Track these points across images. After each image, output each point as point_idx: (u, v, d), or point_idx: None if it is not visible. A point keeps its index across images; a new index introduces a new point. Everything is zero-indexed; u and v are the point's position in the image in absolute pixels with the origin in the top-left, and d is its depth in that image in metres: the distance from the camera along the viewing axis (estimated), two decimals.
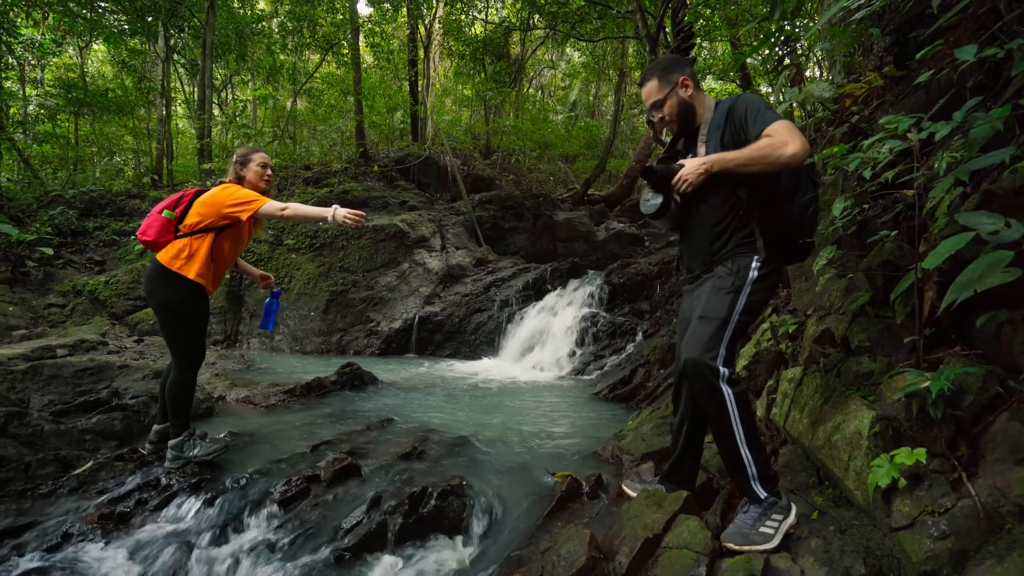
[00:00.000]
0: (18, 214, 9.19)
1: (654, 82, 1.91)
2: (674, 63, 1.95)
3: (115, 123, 14.81)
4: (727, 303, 1.77)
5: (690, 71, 1.91)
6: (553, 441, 3.34)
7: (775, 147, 1.64)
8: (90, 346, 5.63)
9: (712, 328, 1.75)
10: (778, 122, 1.69)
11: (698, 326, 1.79)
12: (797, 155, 1.64)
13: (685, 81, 1.88)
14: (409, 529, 2.16)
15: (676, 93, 1.88)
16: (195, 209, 2.65)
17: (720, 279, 1.83)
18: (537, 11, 11.69)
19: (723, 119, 1.84)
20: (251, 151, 2.81)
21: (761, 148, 1.66)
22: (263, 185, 2.79)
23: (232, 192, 2.63)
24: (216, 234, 2.64)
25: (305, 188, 10.86)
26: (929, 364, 1.88)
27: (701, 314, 1.80)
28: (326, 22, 13.30)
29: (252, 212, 2.59)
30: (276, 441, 3.13)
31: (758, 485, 1.76)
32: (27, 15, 12.26)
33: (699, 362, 1.74)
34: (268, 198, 2.67)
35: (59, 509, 2.33)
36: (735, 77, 9.94)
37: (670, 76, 1.89)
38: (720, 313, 1.76)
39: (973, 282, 1.37)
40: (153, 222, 2.65)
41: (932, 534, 1.52)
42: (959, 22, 2.56)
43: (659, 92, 1.90)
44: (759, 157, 1.66)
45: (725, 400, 1.73)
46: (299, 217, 2.63)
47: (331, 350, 7.89)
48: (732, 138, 1.80)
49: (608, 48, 15.03)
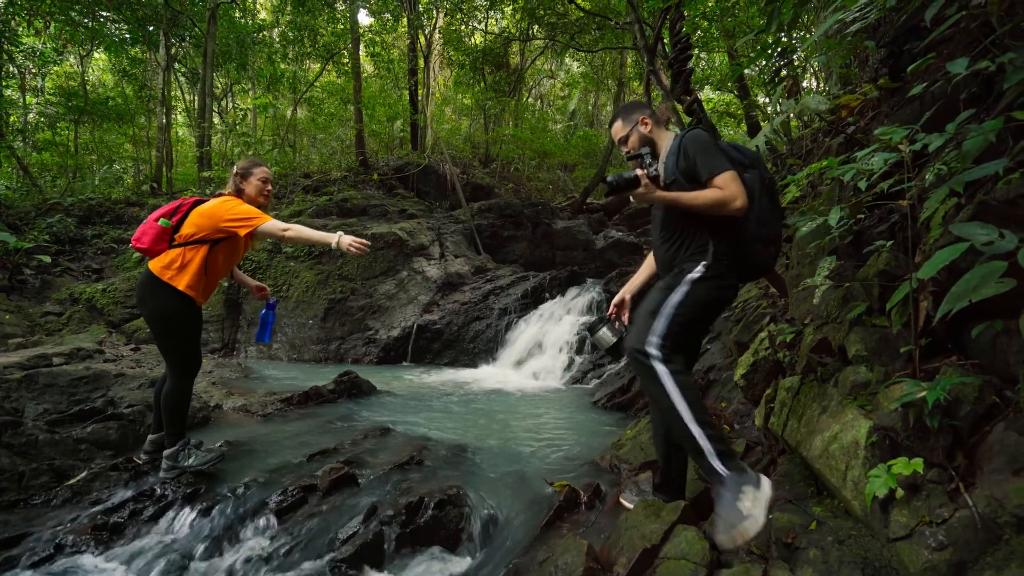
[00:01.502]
0: (16, 222, 9.19)
1: (619, 122, 2.19)
2: (635, 106, 2.22)
3: (115, 131, 14.87)
4: (661, 297, 1.95)
5: (649, 112, 2.17)
6: (551, 450, 3.32)
7: (726, 200, 1.88)
8: (86, 354, 5.61)
9: (646, 319, 1.92)
10: (726, 174, 1.90)
11: (637, 322, 1.95)
12: (741, 209, 1.89)
13: (644, 119, 2.15)
14: (406, 539, 2.15)
15: (637, 129, 2.15)
16: (192, 220, 2.62)
17: (666, 280, 2.02)
18: (536, 22, 11.81)
19: (676, 147, 2.05)
20: (252, 165, 2.77)
21: (713, 199, 1.88)
22: (261, 200, 2.75)
23: (232, 207, 2.60)
24: (211, 246, 2.62)
25: (304, 196, 10.90)
26: (925, 374, 1.89)
27: (642, 311, 1.97)
28: (327, 32, 13.41)
29: (251, 229, 2.57)
30: (273, 450, 3.12)
31: (716, 461, 1.74)
32: (29, 24, 12.34)
33: (633, 348, 1.88)
34: (268, 215, 2.64)
35: (53, 520, 2.31)
36: (732, 88, 10.03)
37: (631, 116, 2.17)
38: (653, 306, 1.94)
39: (968, 292, 1.38)
40: (148, 230, 2.62)
41: (930, 545, 1.52)
42: (952, 35, 2.60)
43: (623, 130, 2.18)
44: (710, 206, 1.89)
45: (660, 378, 1.81)
46: (301, 240, 2.59)
47: (329, 358, 7.87)
48: (684, 168, 2.01)
49: (607, 58, 15.17)
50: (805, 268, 3.16)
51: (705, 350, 4.35)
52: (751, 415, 2.87)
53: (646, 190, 1.91)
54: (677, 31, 4.60)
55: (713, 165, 1.91)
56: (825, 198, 3.05)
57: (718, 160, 1.93)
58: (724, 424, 3.01)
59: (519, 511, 2.38)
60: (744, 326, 3.67)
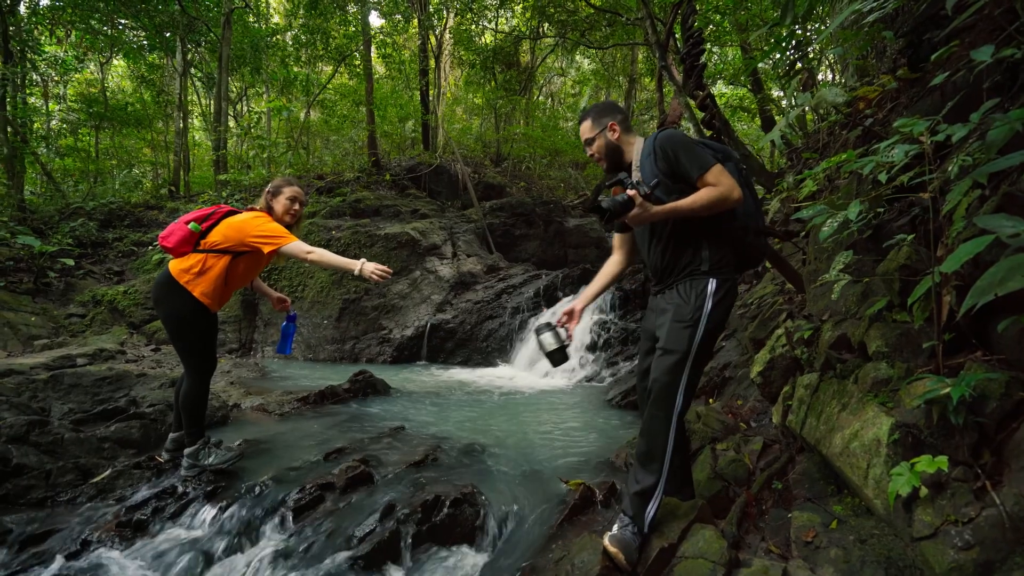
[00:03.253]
0: (41, 226, 9.43)
1: (588, 122, 2.11)
2: (608, 109, 2.11)
3: (134, 136, 15.18)
4: (687, 337, 1.87)
5: (621, 117, 2.10)
6: (565, 448, 3.32)
7: (724, 195, 1.84)
8: (109, 355, 5.74)
9: (674, 360, 1.86)
10: (715, 168, 1.86)
11: (663, 359, 1.89)
12: (740, 200, 1.86)
13: (613, 126, 2.07)
14: (422, 537, 2.16)
15: (604, 135, 2.07)
16: (220, 229, 2.64)
17: (679, 308, 1.93)
18: (547, 20, 11.77)
19: (651, 149, 1.98)
20: (284, 184, 2.78)
21: (712, 197, 1.83)
22: (288, 219, 2.77)
23: (261, 224, 2.62)
24: (233, 257, 2.64)
25: (318, 197, 11.00)
26: (949, 370, 1.84)
27: (664, 346, 1.90)
28: (339, 34, 13.52)
29: (275, 248, 2.58)
30: (290, 449, 3.16)
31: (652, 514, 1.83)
32: (51, 33, 12.65)
33: (661, 396, 1.85)
34: (294, 236, 2.64)
35: (79, 517, 2.36)
36: (746, 81, 9.90)
37: (602, 119, 2.09)
38: (681, 347, 1.87)
39: (994, 286, 1.34)
40: (176, 230, 2.64)
41: (956, 544, 1.49)
42: (974, 23, 2.53)
43: (591, 131, 2.10)
44: (711, 205, 1.84)
45: (671, 423, 1.84)
46: (323, 263, 2.58)
47: (344, 358, 7.94)
48: (665, 169, 1.95)
49: (618, 54, 15.08)
50: (822, 263, 3.10)
51: (720, 347, 4.30)
52: (768, 413, 2.84)
53: (642, 209, 1.84)
54: (689, 26, 4.55)
55: (701, 162, 1.87)
56: (843, 192, 3.00)
57: (703, 156, 1.89)
58: (741, 422, 2.98)
59: (534, 509, 2.38)
60: (760, 323, 3.63)
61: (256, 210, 2.73)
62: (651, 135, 2.05)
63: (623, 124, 2.08)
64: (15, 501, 2.45)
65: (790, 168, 6.75)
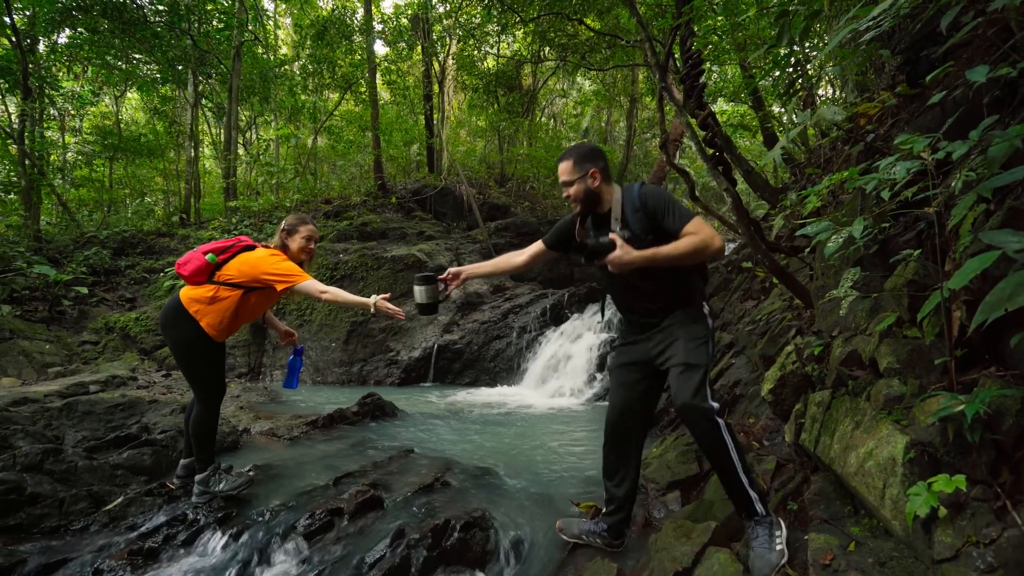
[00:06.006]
0: (56, 255, 9.61)
1: (569, 163, 2.10)
2: (590, 155, 2.12)
3: (146, 166, 15.54)
4: (704, 352, 1.99)
5: (603, 165, 2.11)
6: (576, 470, 3.28)
7: (706, 242, 1.92)
8: (121, 381, 5.78)
9: (699, 375, 1.94)
10: (696, 219, 1.97)
11: (687, 374, 1.96)
12: (723, 247, 1.95)
13: (594, 173, 2.09)
14: (433, 563, 2.14)
15: (584, 181, 2.09)
16: (236, 264, 2.67)
17: (691, 328, 2.04)
18: (547, 44, 12.01)
19: (638, 204, 2.04)
20: (300, 222, 2.81)
21: (694, 245, 1.91)
22: (303, 257, 2.80)
23: (275, 262, 2.64)
24: (246, 291, 2.67)
25: (326, 221, 11.16)
26: (963, 386, 1.82)
27: (686, 361, 1.97)
28: (345, 63, 13.87)
29: (288, 287, 2.61)
30: (300, 473, 3.15)
31: (759, 505, 1.92)
32: (68, 69, 13.09)
33: (697, 407, 1.90)
34: (309, 274, 2.67)
35: (91, 545, 2.37)
36: (746, 99, 10.00)
37: (584, 165, 2.09)
38: (702, 360, 1.97)
39: (1003, 301, 1.34)
40: (193, 259, 2.67)
41: (978, 566, 1.45)
42: (970, 39, 2.57)
43: (571, 174, 2.10)
44: (693, 253, 1.92)
45: (722, 432, 1.90)
46: (338, 302, 2.63)
47: (352, 380, 7.95)
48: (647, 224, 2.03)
49: (619, 75, 15.31)
50: (830, 279, 3.10)
51: (730, 365, 4.27)
52: (780, 431, 2.80)
53: (623, 252, 1.90)
54: (688, 47, 4.64)
55: (683, 216, 1.97)
56: (847, 208, 3.01)
57: (684, 210, 2.00)
58: (753, 441, 2.94)
59: (546, 533, 2.35)
60: (769, 339, 3.60)
61: (271, 248, 2.75)
62: (630, 186, 2.14)
63: (604, 172, 2.11)
64: (29, 530, 2.46)
65: (794, 183, 6.78)
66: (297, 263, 2.76)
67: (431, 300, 2.33)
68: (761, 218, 6.84)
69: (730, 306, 5.56)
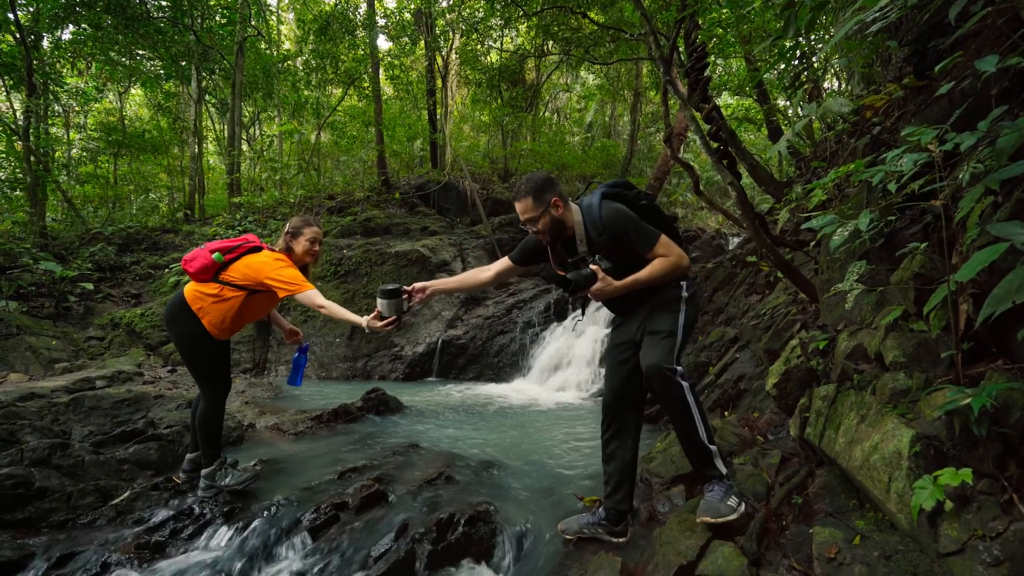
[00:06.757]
0: (62, 252, 9.67)
1: (529, 200, 2.10)
2: (545, 184, 2.12)
3: (151, 162, 15.58)
4: (674, 319, 2.08)
5: (559, 190, 2.13)
6: (579, 464, 3.29)
7: (676, 264, 2.06)
8: (127, 377, 5.82)
9: (668, 341, 2.03)
10: (661, 239, 2.06)
11: (653, 340, 2.05)
12: (690, 264, 2.10)
13: (556, 202, 2.11)
14: (438, 556, 2.15)
15: (549, 212, 2.11)
16: (239, 266, 2.66)
17: (663, 303, 2.12)
18: (551, 38, 11.94)
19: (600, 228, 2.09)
20: (304, 224, 2.79)
21: (666, 268, 2.05)
22: (308, 259, 2.80)
23: (279, 268, 2.63)
24: (249, 293, 2.67)
25: (330, 217, 11.17)
26: (969, 380, 1.81)
27: (652, 329, 2.08)
28: (348, 58, 13.84)
29: (288, 294, 2.61)
30: (305, 468, 3.17)
31: (719, 461, 2.03)
32: (72, 65, 13.12)
33: (659, 366, 1.96)
34: (310, 283, 2.66)
35: (98, 539, 2.39)
36: (751, 92, 9.93)
37: (543, 196, 2.10)
38: (669, 326, 2.06)
39: (1011, 294, 1.33)
40: (200, 256, 2.66)
41: (984, 560, 1.45)
42: (979, 30, 2.54)
43: (534, 210, 2.11)
44: (667, 274, 2.06)
45: (684, 393, 1.96)
46: (334, 316, 2.62)
47: (356, 375, 7.97)
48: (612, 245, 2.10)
49: (622, 69, 15.22)
50: (835, 272, 3.08)
51: (734, 359, 4.26)
52: (785, 425, 2.79)
53: (604, 283, 1.99)
54: (692, 40, 4.60)
55: (647, 237, 2.05)
56: (853, 201, 2.98)
57: (648, 230, 2.06)
58: (758, 435, 2.93)
59: (550, 527, 2.36)
60: (774, 333, 3.59)
61: (275, 252, 2.73)
62: (587, 202, 2.16)
63: (563, 197, 2.13)
64: (37, 524, 2.49)
65: (799, 177, 6.73)
66: (302, 265, 2.77)
67: (395, 313, 2.38)
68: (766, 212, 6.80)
69: (735, 300, 5.54)
